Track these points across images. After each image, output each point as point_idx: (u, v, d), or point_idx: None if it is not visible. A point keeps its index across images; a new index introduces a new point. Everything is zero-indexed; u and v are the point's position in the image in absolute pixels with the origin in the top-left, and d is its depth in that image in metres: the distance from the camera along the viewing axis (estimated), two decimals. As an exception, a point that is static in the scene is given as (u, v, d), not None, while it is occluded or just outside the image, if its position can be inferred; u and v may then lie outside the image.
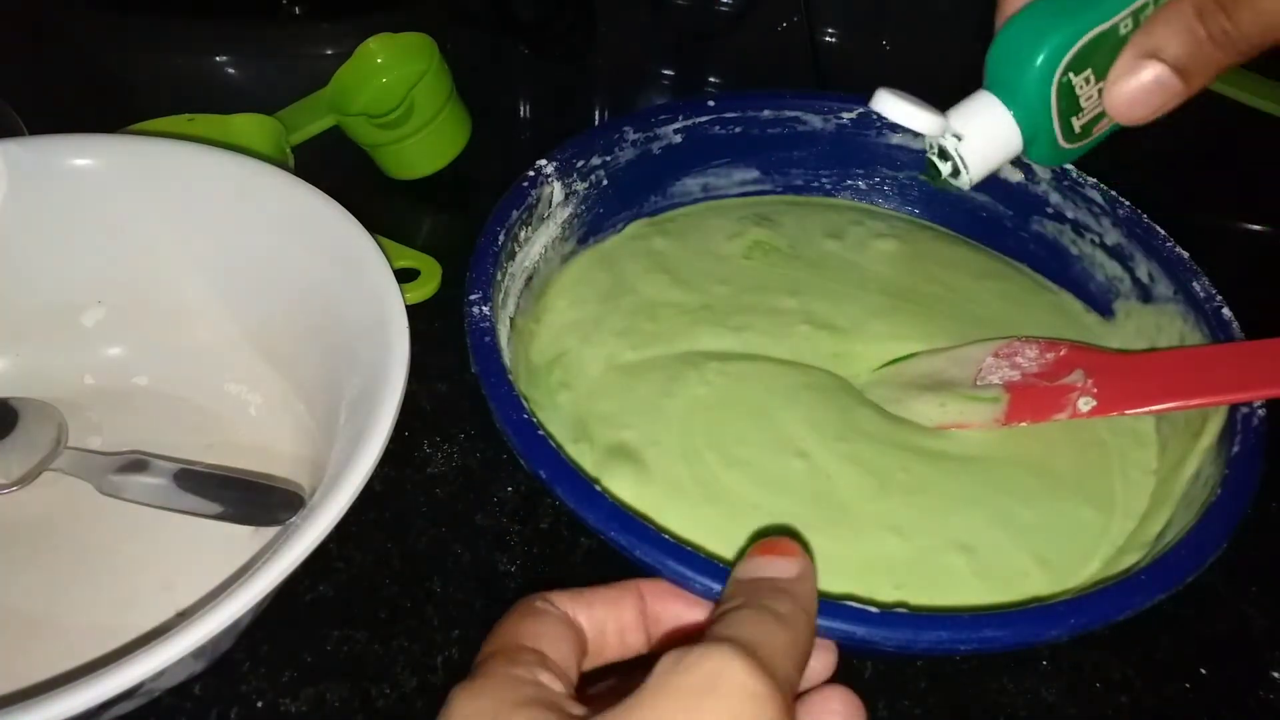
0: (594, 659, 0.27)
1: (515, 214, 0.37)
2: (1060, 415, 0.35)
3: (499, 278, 0.35)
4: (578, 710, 0.22)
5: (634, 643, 0.27)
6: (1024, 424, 0.36)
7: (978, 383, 0.37)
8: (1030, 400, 0.36)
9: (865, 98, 0.43)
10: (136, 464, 0.38)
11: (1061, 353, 0.37)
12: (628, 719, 0.21)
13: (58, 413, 0.40)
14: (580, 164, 0.40)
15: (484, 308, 0.33)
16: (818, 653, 0.26)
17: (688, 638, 0.24)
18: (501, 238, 0.36)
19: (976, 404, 0.37)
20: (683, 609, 0.27)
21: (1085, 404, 0.35)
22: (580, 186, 0.40)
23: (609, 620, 0.27)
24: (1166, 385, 0.34)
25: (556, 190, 0.39)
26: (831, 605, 0.26)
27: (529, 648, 0.24)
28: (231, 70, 0.66)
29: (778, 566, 0.25)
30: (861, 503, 0.34)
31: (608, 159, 0.41)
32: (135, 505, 0.37)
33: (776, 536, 0.26)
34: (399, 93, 0.53)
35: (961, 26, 0.76)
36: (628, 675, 0.27)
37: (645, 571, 0.28)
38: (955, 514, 0.34)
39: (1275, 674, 0.38)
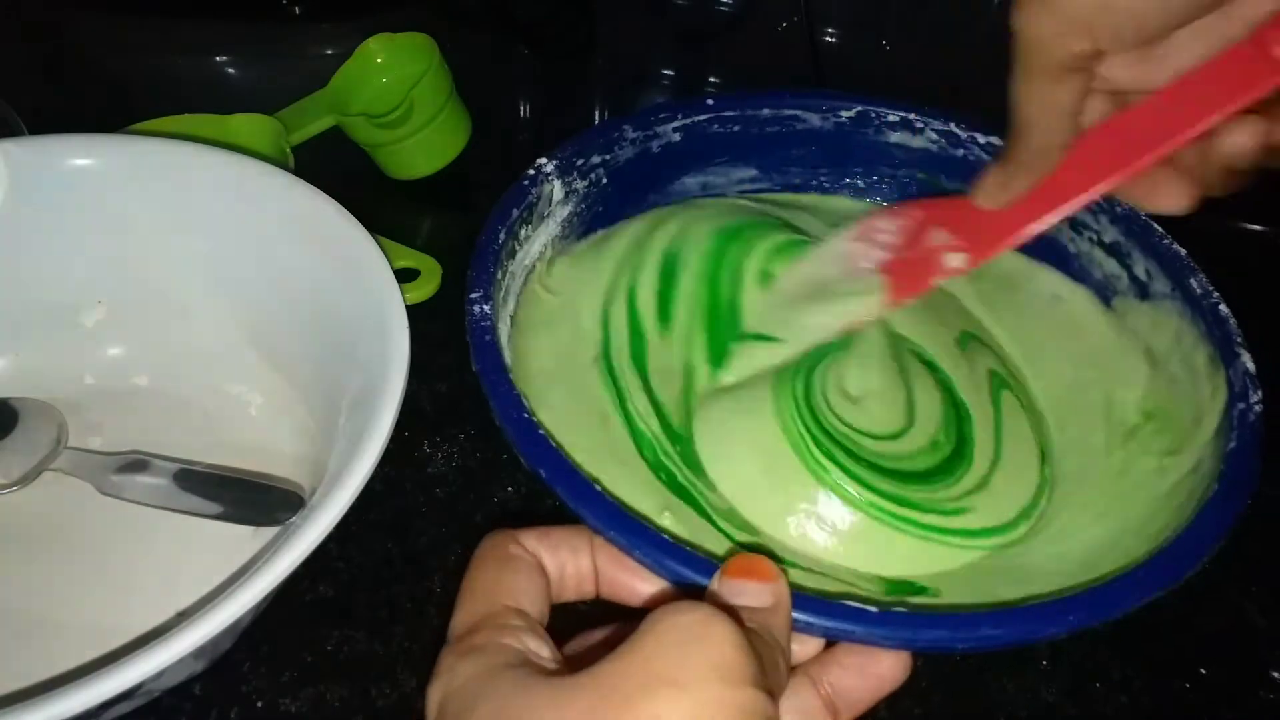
0: (553, 599, 0.28)
1: (516, 212, 0.37)
2: (937, 279, 0.35)
3: (500, 276, 0.35)
4: (562, 670, 0.23)
5: (588, 589, 0.28)
6: (909, 301, 0.36)
7: (854, 274, 0.37)
8: (905, 274, 0.36)
9: (863, 97, 0.44)
10: (136, 464, 0.38)
11: (915, 215, 0.37)
12: (622, 667, 0.21)
13: (58, 413, 0.40)
14: (580, 162, 0.40)
15: (485, 306, 0.33)
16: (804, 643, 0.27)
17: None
18: (502, 236, 0.36)
19: (860, 297, 0.37)
20: (629, 577, 0.28)
21: (956, 260, 0.35)
22: (580, 185, 0.40)
23: (569, 564, 0.28)
24: (1023, 209, 0.33)
25: (557, 188, 0.39)
26: (830, 605, 0.26)
27: (512, 608, 0.25)
28: (231, 70, 0.66)
29: (753, 593, 0.25)
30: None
31: (607, 157, 0.41)
32: (135, 505, 0.37)
33: (755, 555, 0.26)
34: (399, 93, 0.53)
35: (961, 27, 0.76)
36: (602, 643, 0.28)
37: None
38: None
39: (1275, 674, 0.38)
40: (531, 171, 0.38)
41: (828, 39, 0.72)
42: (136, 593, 0.36)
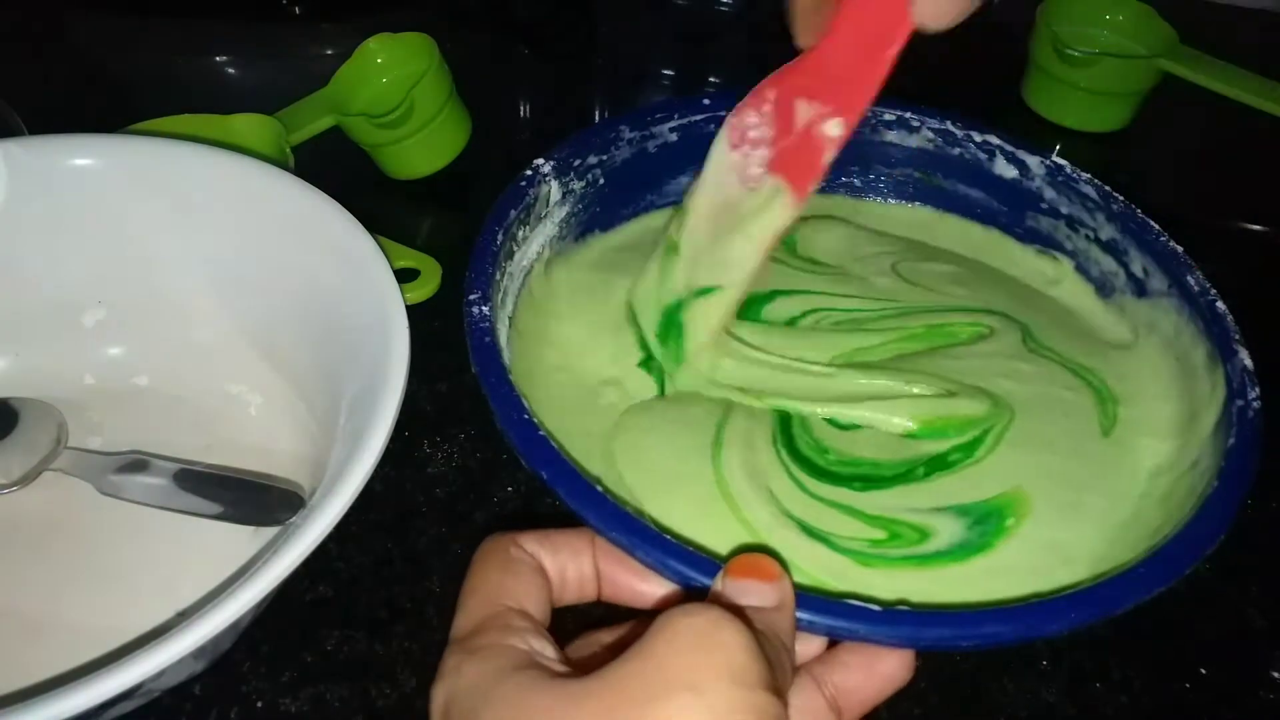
0: (554, 602, 0.28)
1: (513, 213, 0.37)
2: (827, 153, 0.33)
3: (498, 277, 0.35)
4: (569, 672, 0.23)
5: (589, 592, 0.28)
6: (815, 186, 0.34)
7: (750, 186, 0.36)
8: (796, 165, 0.34)
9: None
10: (136, 464, 0.38)
11: (771, 95, 0.35)
12: (634, 669, 0.21)
13: (58, 413, 0.40)
14: (577, 163, 0.40)
15: (484, 308, 0.33)
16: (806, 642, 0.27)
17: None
18: (500, 237, 0.36)
19: (770, 208, 0.35)
20: (631, 578, 0.28)
21: (833, 126, 0.33)
22: (577, 185, 0.40)
23: (569, 567, 0.28)
24: (863, 42, 0.32)
25: (554, 189, 0.39)
26: (834, 604, 0.26)
27: (515, 610, 0.25)
28: (231, 70, 0.66)
29: (758, 591, 0.25)
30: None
31: (604, 158, 0.41)
32: (135, 505, 0.37)
33: (758, 555, 0.26)
34: (399, 93, 0.53)
35: (961, 27, 0.76)
36: (607, 646, 0.28)
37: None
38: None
39: (1275, 674, 0.38)
40: (529, 172, 0.39)
41: (828, 39, 0.71)
42: (136, 593, 0.36)
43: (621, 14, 0.75)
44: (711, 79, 0.69)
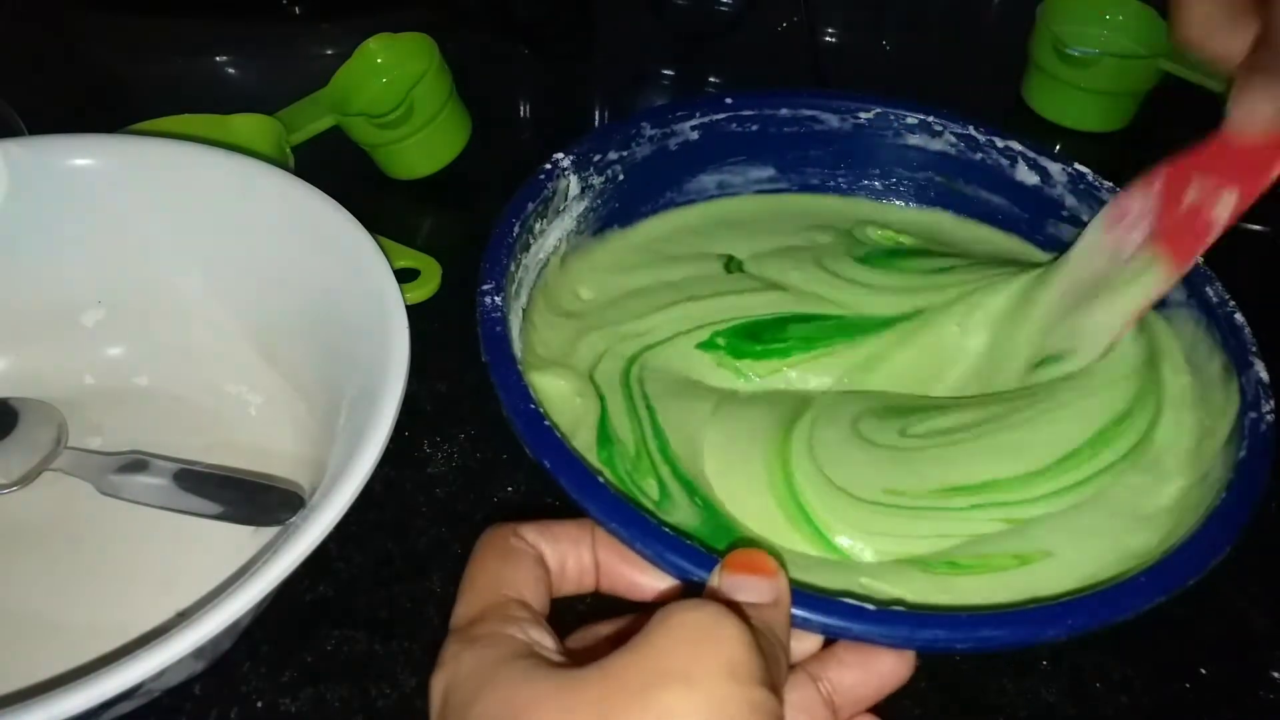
0: (553, 592, 0.28)
1: (531, 206, 0.37)
2: (1216, 227, 0.33)
3: (512, 269, 0.35)
4: (567, 662, 0.23)
5: (588, 583, 0.28)
6: (1197, 258, 0.34)
7: (1125, 260, 0.36)
8: (1178, 236, 0.34)
9: (882, 98, 0.44)
10: (136, 464, 0.38)
11: (1161, 179, 0.35)
12: (632, 661, 0.21)
13: (58, 413, 0.40)
14: (597, 158, 0.40)
15: (496, 298, 0.33)
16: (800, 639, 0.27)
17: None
18: (516, 229, 0.36)
19: (1142, 278, 0.35)
20: (630, 570, 0.28)
21: (1226, 200, 0.33)
22: (596, 180, 0.40)
23: (569, 558, 0.28)
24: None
25: (573, 184, 0.39)
26: (829, 602, 0.26)
27: (514, 599, 0.25)
28: (231, 70, 0.66)
29: (754, 587, 0.25)
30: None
31: (624, 154, 0.41)
32: (135, 505, 0.37)
33: (755, 550, 0.26)
34: (399, 93, 0.53)
35: (961, 26, 0.76)
36: (606, 638, 0.28)
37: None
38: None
39: (1275, 674, 0.38)
40: (548, 166, 0.38)
41: (828, 39, 0.72)
42: (136, 593, 0.36)
43: (621, 14, 0.75)
44: (711, 79, 0.69)
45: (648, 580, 0.28)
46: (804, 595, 0.26)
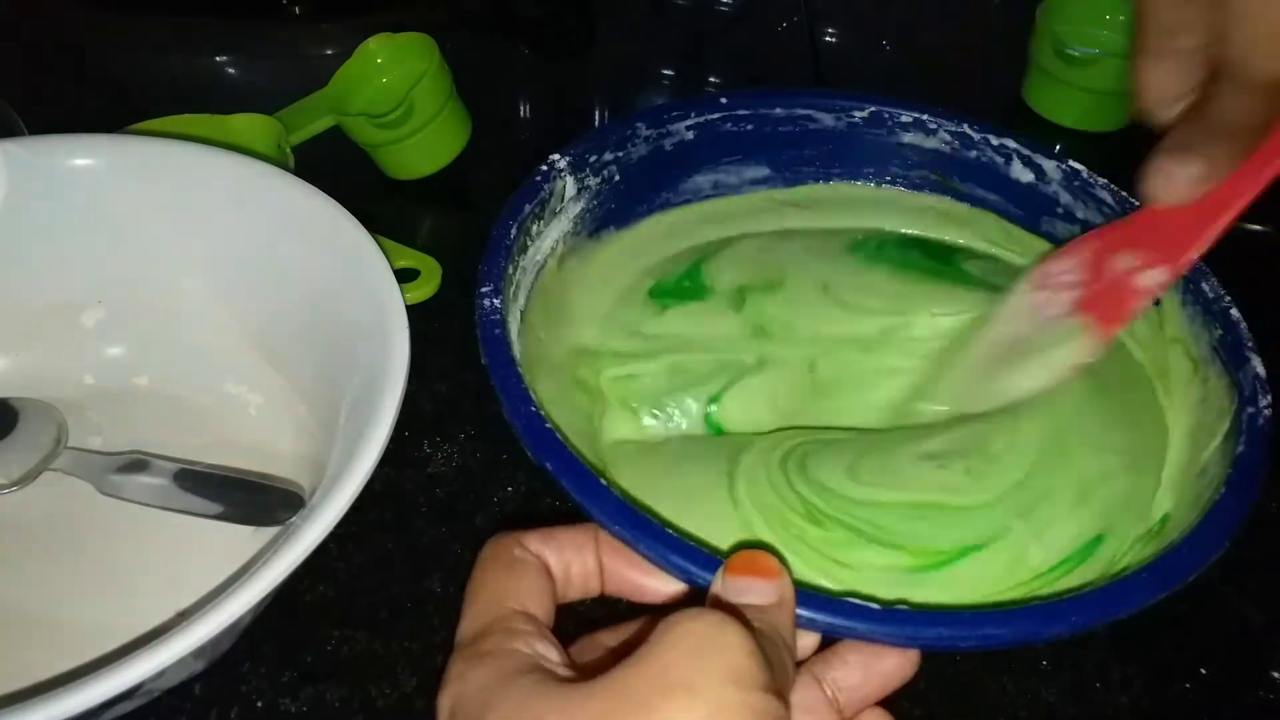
0: (558, 599, 0.28)
1: (528, 208, 0.37)
2: (1141, 299, 0.33)
3: (510, 271, 0.35)
4: (572, 675, 0.23)
5: (593, 587, 0.28)
6: (1121, 330, 0.34)
7: (1048, 325, 0.35)
8: (1104, 305, 0.34)
9: (876, 97, 0.44)
10: (136, 464, 0.38)
11: (1090, 246, 0.35)
12: (636, 673, 0.21)
13: (58, 413, 0.40)
14: (593, 159, 0.40)
15: (495, 300, 0.33)
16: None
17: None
18: (514, 231, 0.36)
19: (1064, 345, 0.35)
20: (635, 573, 0.28)
21: (1155, 275, 0.33)
22: (593, 181, 0.40)
23: (574, 564, 0.28)
24: (1208, 204, 0.31)
25: (569, 185, 0.39)
26: (833, 601, 0.26)
27: (519, 612, 0.25)
28: (231, 70, 0.66)
29: (757, 589, 0.25)
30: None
31: (620, 154, 0.41)
32: (135, 505, 0.37)
33: (758, 552, 0.26)
34: (399, 93, 0.53)
35: (962, 26, 0.76)
36: (610, 648, 0.28)
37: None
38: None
39: (1275, 674, 0.38)
40: (544, 167, 0.38)
41: (828, 39, 0.72)
42: (137, 593, 0.36)
43: (621, 14, 0.75)
44: (711, 79, 0.69)
45: (652, 583, 0.28)
46: (808, 595, 0.26)
